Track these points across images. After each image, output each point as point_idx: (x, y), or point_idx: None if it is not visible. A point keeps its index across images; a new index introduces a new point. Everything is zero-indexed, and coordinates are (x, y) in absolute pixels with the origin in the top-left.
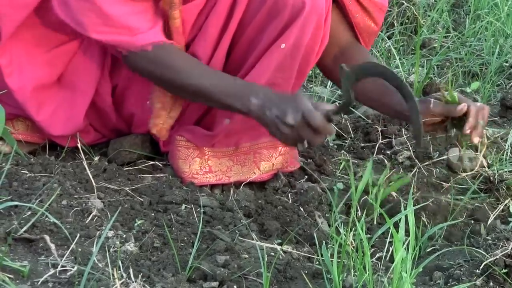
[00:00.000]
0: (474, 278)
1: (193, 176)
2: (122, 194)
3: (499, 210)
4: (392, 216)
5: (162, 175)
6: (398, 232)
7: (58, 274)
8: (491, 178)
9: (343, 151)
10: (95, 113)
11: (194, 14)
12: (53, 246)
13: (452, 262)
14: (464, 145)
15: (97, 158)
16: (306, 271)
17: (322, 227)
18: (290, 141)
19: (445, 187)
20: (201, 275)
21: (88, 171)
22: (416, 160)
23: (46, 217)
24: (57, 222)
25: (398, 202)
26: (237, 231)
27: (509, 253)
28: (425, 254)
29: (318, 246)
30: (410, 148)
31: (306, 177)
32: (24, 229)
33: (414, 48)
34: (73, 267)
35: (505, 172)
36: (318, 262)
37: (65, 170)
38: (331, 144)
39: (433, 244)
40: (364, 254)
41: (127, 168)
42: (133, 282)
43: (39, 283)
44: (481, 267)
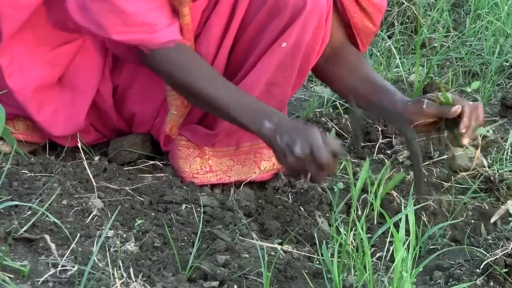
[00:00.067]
0: (475, 277)
1: (193, 175)
2: (122, 194)
3: (501, 209)
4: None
5: (162, 175)
6: (398, 231)
7: (58, 274)
8: (492, 177)
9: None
10: (96, 113)
11: (199, 13)
12: (53, 246)
13: (452, 262)
14: (456, 146)
15: (97, 158)
16: (307, 271)
17: (323, 227)
18: (295, 171)
19: (445, 187)
20: (201, 275)
21: (88, 171)
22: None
23: (46, 216)
24: (57, 222)
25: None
26: (237, 231)
27: (509, 252)
28: (425, 254)
29: (318, 245)
30: None
31: None
32: (24, 228)
33: (414, 47)
34: (73, 267)
35: (505, 171)
36: (318, 262)
37: (65, 169)
38: None
39: (433, 243)
40: (364, 254)
41: (128, 167)
42: (133, 281)
43: (39, 283)
44: (481, 267)
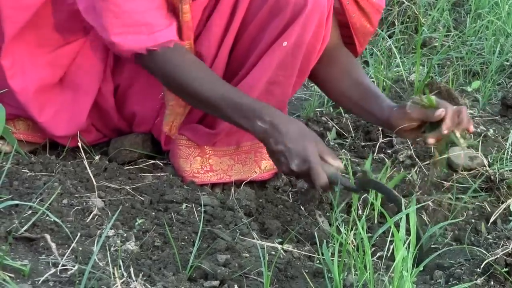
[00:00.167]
0: (475, 277)
1: (194, 175)
2: (122, 193)
3: (501, 209)
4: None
5: (162, 174)
6: (399, 231)
7: (58, 273)
8: (492, 177)
9: (344, 150)
10: (97, 112)
11: (199, 11)
12: (53, 245)
13: (453, 261)
14: (440, 149)
15: (97, 157)
16: (307, 270)
17: (323, 226)
18: (288, 175)
19: (446, 186)
20: (202, 274)
21: (88, 170)
22: (417, 159)
23: (47, 216)
24: (57, 221)
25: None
26: (237, 230)
27: (510, 252)
28: (425, 253)
29: (318, 245)
30: (411, 147)
31: None
32: (24, 228)
33: (414, 47)
34: (73, 266)
35: (506, 171)
36: (318, 261)
37: (65, 169)
38: (332, 143)
39: (434, 243)
40: (364, 253)
41: (128, 167)
42: (133, 281)
43: (40, 282)
44: (482, 266)
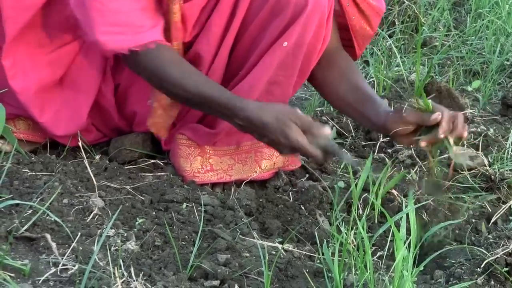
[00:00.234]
0: (475, 276)
1: (194, 174)
2: (123, 193)
3: (502, 209)
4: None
5: (163, 174)
6: (399, 230)
7: (59, 273)
8: (492, 176)
9: (344, 150)
10: (98, 112)
11: (196, 12)
12: (54, 245)
13: (453, 261)
14: (435, 154)
15: (98, 157)
16: (307, 270)
17: (323, 226)
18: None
19: (446, 186)
20: (202, 274)
21: (89, 170)
22: (417, 158)
23: (47, 215)
24: (58, 221)
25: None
26: (238, 230)
27: (510, 251)
28: (426, 253)
29: (319, 244)
30: (411, 146)
31: (307, 175)
32: (25, 227)
33: (415, 46)
34: (74, 266)
35: (506, 170)
36: (319, 261)
37: (66, 168)
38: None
39: (434, 242)
40: (365, 253)
41: (128, 166)
42: (134, 280)
43: (40, 282)
44: (482, 266)
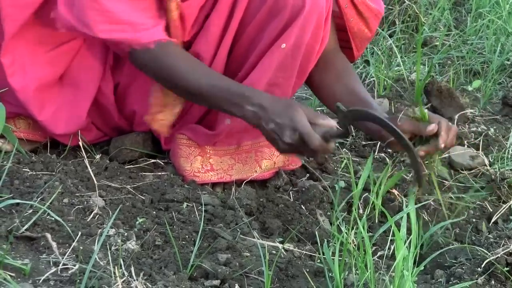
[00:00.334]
0: (476, 276)
1: (194, 174)
2: (123, 192)
3: (502, 208)
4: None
5: (163, 173)
6: (399, 230)
7: (59, 272)
8: (493, 176)
9: (345, 149)
10: (97, 111)
11: (195, 11)
12: (54, 244)
13: (453, 261)
14: (430, 162)
15: (98, 156)
16: (308, 269)
17: (324, 225)
18: (289, 153)
19: (446, 185)
20: (202, 273)
21: (89, 169)
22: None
23: (48, 215)
24: (58, 220)
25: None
26: (238, 229)
27: (511, 251)
28: (426, 252)
29: (319, 244)
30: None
31: (308, 175)
32: (25, 227)
33: (415, 46)
34: (74, 265)
35: (506, 170)
36: (319, 261)
37: (66, 168)
38: None
39: (435, 242)
40: (365, 253)
41: (129, 166)
42: (134, 280)
43: (41, 281)
44: (482, 266)
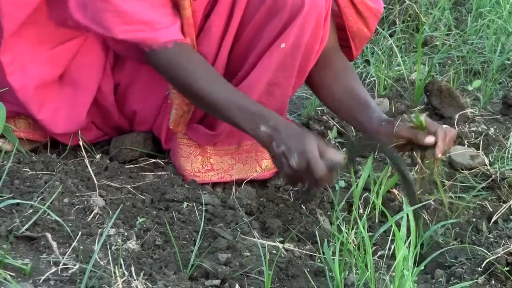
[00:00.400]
0: (476, 276)
1: (194, 174)
2: (123, 192)
3: (502, 208)
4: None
5: (163, 173)
6: (400, 230)
7: (59, 272)
8: (493, 176)
9: (345, 149)
10: (97, 110)
11: (201, 10)
12: (54, 244)
13: (454, 260)
14: (427, 167)
15: (98, 156)
16: (308, 269)
17: (324, 225)
18: (291, 180)
19: (447, 185)
20: (202, 273)
21: (89, 169)
22: (418, 158)
23: (48, 215)
24: (59, 220)
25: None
26: (238, 229)
27: (511, 251)
28: (427, 252)
29: (320, 244)
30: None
31: None
32: (25, 227)
33: (415, 46)
34: (75, 265)
35: (507, 170)
36: (320, 260)
37: (66, 168)
38: (333, 142)
39: (435, 242)
40: (366, 252)
41: (129, 166)
42: (134, 280)
43: (41, 281)
44: (483, 265)
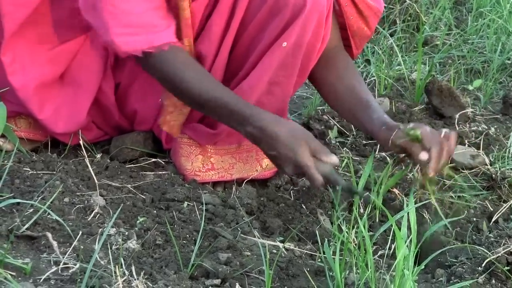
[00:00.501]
0: (476, 275)
1: (195, 173)
2: (124, 192)
3: (503, 208)
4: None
5: (164, 173)
6: (400, 229)
7: (60, 272)
8: (493, 175)
9: (345, 149)
10: (98, 110)
11: (201, 10)
12: (55, 244)
13: (454, 260)
14: (424, 175)
15: (99, 156)
16: (308, 269)
17: (324, 225)
18: (288, 175)
19: (447, 185)
20: (203, 273)
21: (90, 169)
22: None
23: (48, 214)
24: (59, 220)
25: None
26: (239, 229)
27: (511, 250)
28: (427, 251)
29: (320, 243)
30: None
31: None
32: (26, 226)
33: (416, 45)
34: (75, 265)
35: (507, 169)
36: (320, 260)
37: (67, 167)
38: (334, 141)
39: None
40: (366, 252)
41: (129, 165)
42: (135, 279)
43: (41, 280)
44: (483, 265)
